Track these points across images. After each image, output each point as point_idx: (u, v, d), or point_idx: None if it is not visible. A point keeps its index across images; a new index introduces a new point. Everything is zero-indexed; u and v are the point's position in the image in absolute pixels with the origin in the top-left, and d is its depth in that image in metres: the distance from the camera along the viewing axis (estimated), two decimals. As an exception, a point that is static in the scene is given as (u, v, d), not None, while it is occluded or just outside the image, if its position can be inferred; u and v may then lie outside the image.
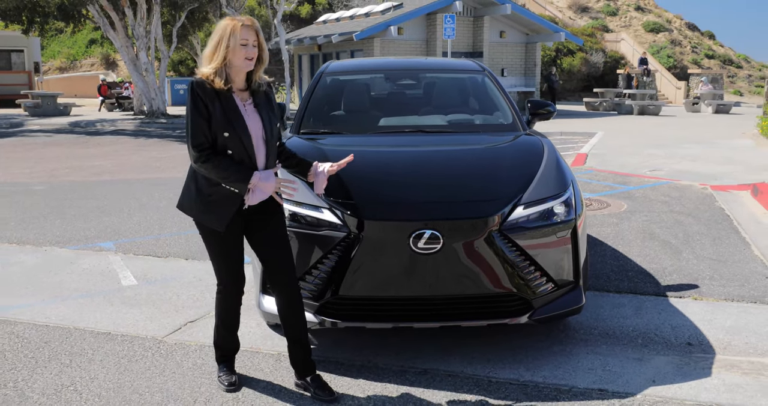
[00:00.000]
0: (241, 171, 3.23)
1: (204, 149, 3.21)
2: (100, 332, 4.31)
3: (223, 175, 3.22)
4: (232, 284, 3.47)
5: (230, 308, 3.54)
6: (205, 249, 3.50)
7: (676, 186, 9.45)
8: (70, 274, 5.62)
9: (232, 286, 3.48)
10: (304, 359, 3.49)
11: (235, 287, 3.49)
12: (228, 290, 3.48)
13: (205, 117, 3.21)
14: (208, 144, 3.22)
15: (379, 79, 5.69)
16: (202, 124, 3.21)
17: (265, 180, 3.27)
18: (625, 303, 4.76)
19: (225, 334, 3.59)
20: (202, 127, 3.21)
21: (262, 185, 3.26)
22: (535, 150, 4.32)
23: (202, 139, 3.21)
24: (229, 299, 3.51)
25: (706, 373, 3.68)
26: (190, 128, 3.23)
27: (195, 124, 3.21)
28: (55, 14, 23.22)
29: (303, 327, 3.48)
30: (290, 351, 3.51)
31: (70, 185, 10.14)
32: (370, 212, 3.58)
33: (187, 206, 3.41)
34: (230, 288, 3.48)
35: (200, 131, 3.21)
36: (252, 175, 3.24)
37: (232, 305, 3.54)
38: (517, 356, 3.87)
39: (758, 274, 5.42)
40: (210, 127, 3.22)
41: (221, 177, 3.23)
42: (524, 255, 3.65)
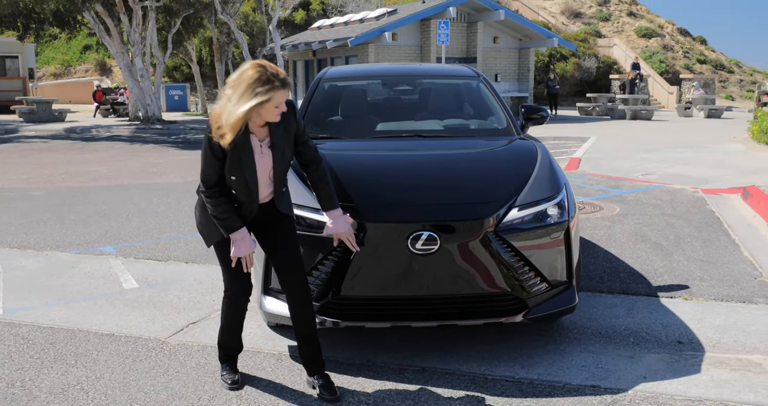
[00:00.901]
0: (231, 221, 3.34)
1: (211, 186, 3.32)
2: (104, 334, 4.40)
3: (216, 215, 3.35)
4: (238, 291, 3.57)
5: (236, 312, 3.63)
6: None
7: (668, 190, 9.59)
8: (72, 277, 5.70)
9: (239, 293, 3.58)
10: (313, 356, 3.58)
11: (242, 294, 3.59)
12: (234, 296, 3.58)
13: (219, 157, 3.27)
14: (215, 181, 3.32)
15: (376, 85, 5.81)
16: (213, 163, 3.29)
17: (244, 243, 3.37)
18: (617, 303, 4.88)
19: (229, 334, 3.69)
20: (213, 165, 3.29)
21: (239, 243, 3.37)
22: (528, 154, 4.44)
23: (212, 176, 3.31)
24: (235, 305, 3.61)
25: (695, 370, 3.79)
26: (202, 163, 3.32)
27: (207, 162, 3.29)
28: (50, 21, 23.31)
29: (312, 324, 3.57)
30: (300, 349, 3.60)
31: (67, 191, 10.21)
32: (369, 214, 3.69)
33: (196, 214, 3.56)
34: (237, 295, 3.58)
35: (211, 169, 3.30)
36: (237, 231, 3.35)
37: (238, 310, 3.63)
38: (513, 355, 3.97)
39: (747, 275, 5.55)
40: (222, 166, 3.30)
41: (214, 216, 3.36)
42: (519, 256, 3.76)
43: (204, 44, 35.38)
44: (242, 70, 3.16)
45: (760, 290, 5.16)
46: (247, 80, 3.11)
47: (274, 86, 3.12)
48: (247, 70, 3.13)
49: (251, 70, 3.13)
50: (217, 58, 29.87)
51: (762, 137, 14.99)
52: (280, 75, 3.16)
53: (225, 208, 3.33)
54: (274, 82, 3.12)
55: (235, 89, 3.12)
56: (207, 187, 3.33)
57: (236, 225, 3.36)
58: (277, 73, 3.15)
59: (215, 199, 3.32)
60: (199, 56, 35.10)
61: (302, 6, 41.47)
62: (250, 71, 3.12)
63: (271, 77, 3.12)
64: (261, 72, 3.12)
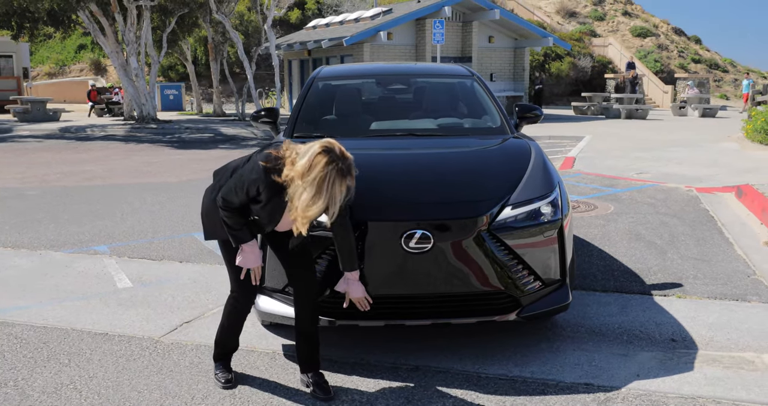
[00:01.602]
0: (243, 234, 3.33)
1: (230, 210, 3.29)
2: (98, 333, 4.39)
3: (229, 225, 3.32)
4: (243, 293, 3.57)
5: (239, 313, 3.62)
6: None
7: (662, 188, 9.61)
8: (66, 277, 5.69)
9: (245, 294, 3.58)
10: (310, 355, 3.58)
11: (248, 296, 3.60)
12: (239, 297, 3.58)
13: (252, 198, 3.25)
14: (236, 206, 3.28)
15: (371, 84, 5.81)
16: (243, 199, 3.25)
17: (252, 255, 3.36)
18: (611, 301, 4.89)
19: (228, 334, 3.67)
20: (242, 199, 3.25)
21: (247, 255, 3.36)
22: (522, 152, 4.44)
23: (235, 203, 3.27)
24: (239, 306, 3.60)
25: (688, 367, 3.80)
26: (231, 188, 3.25)
27: (238, 195, 3.23)
28: (44, 20, 23.21)
29: (315, 322, 3.58)
30: (298, 346, 3.60)
31: (62, 190, 10.19)
32: (363, 213, 3.68)
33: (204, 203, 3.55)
34: (241, 296, 3.58)
35: (237, 199, 3.25)
36: (248, 243, 3.34)
37: (241, 311, 3.62)
38: (506, 353, 3.98)
39: (740, 273, 5.56)
40: (249, 203, 3.27)
41: (226, 224, 3.33)
42: (512, 254, 3.77)
43: (199, 43, 35.32)
44: (312, 155, 3.05)
45: (753, 288, 5.17)
46: (321, 171, 3.02)
47: (345, 177, 3.07)
48: (318, 160, 3.04)
49: (321, 158, 3.03)
50: (212, 57, 29.83)
51: (756, 136, 15.05)
52: (348, 161, 3.10)
53: (238, 220, 3.32)
54: (346, 173, 3.07)
55: (309, 179, 3.03)
56: (225, 208, 3.30)
57: (247, 238, 3.36)
58: (346, 159, 3.09)
59: (230, 212, 3.31)
60: (194, 56, 35.04)
61: (298, 5, 41.45)
62: (322, 162, 3.03)
63: (344, 168, 3.06)
64: (333, 162, 3.03)
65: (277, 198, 3.21)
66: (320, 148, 3.08)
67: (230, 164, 3.53)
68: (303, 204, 3.06)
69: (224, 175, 3.46)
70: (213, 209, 3.41)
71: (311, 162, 3.05)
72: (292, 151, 3.17)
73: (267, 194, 3.22)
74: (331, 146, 3.10)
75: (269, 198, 3.23)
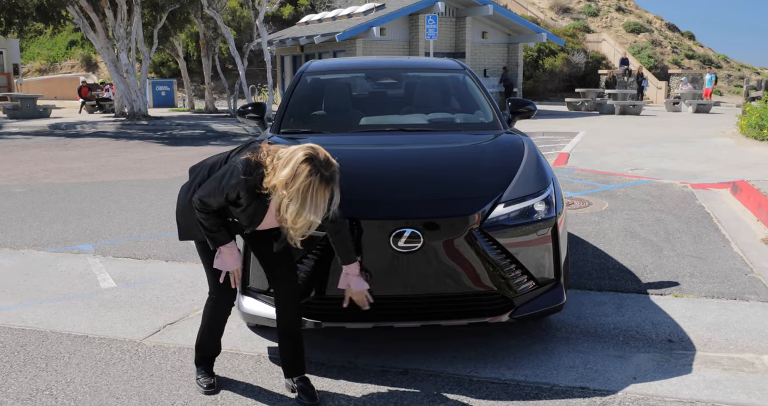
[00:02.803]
0: (221, 236, 3.20)
1: (207, 212, 3.16)
2: (77, 336, 4.25)
3: (206, 226, 3.19)
4: (222, 294, 3.44)
5: (218, 314, 3.50)
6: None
7: (657, 185, 9.51)
8: (48, 277, 5.54)
9: (223, 295, 3.45)
10: (294, 358, 3.45)
11: (226, 297, 3.47)
12: (218, 298, 3.45)
13: (231, 201, 3.12)
14: (213, 209, 3.15)
15: (360, 79, 5.66)
16: (221, 202, 3.12)
17: (230, 258, 3.24)
18: (606, 301, 4.77)
19: (209, 337, 3.55)
20: (221, 203, 3.12)
21: (225, 257, 3.24)
22: (515, 148, 4.32)
23: (213, 205, 3.14)
24: (218, 308, 3.48)
25: (686, 369, 3.68)
26: (210, 192, 3.11)
27: (216, 198, 3.10)
28: (34, 15, 22.99)
29: (298, 323, 3.45)
30: (281, 349, 3.48)
31: (49, 188, 10.02)
32: (350, 211, 3.54)
33: (179, 203, 3.42)
34: (220, 298, 3.46)
35: (216, 203, 3.12)
36: (226, 245, 3.21)
37: (220, 314, 3.50)
38: (498, 355, 3.85)
39: (738, 271, 5.46)
40: (227, 206, 3.15)
41: (203, 226, 3.20)
42: (505, 253, 3.64)
43: (191, 39, 35.10)
44: (295, 164, 2.92)
45: (751, 287, 5.07)
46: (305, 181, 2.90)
47: (329, 185, 2.96)
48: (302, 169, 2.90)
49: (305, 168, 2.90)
50: (203, 53, 29.61)
51: (750, 132, 14.97)
52: (332, 168, 2.97)
53: (216, 221, 3.19)
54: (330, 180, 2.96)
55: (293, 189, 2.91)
56: (202, 210, 3.15)
57: (225, 239, 3.22)
58: (330, 165, 2.96)
59: (207, 214, 3.17)
60: (186, 52, 34.80)
61: (290, 1, 41.23)
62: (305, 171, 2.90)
63: (328, 176, 2.94)
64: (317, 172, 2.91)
65: (258, 202, 3.09)
66: (304, 156, 2.93)
67: (207, 161, 3.40)
68: (291, 216, 2.94)
69: (200, 173, 3.32)
70: (189, 208, 3.27)
71: (294, 171, 2.91)
72: (273, 157, 3.03)
73: (247, 199, 3.09)
74: (314, 153, 2.96)
75: (250, 202, 3.10)
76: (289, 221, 2.96)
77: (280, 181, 2.94)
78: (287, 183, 2.91)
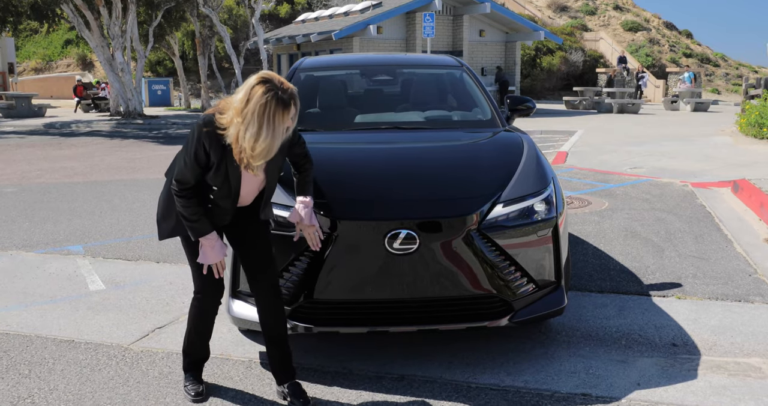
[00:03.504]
0: (201, 225, 3.08)
1: (185, 189, 3.04)
2: (63, 340, 4.12)
3: (185, 216, 3.07)
4: (208, 292, 3.30)
5: (205, 315, 3.37)
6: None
7: (656, 183, 9.39)
8: (36, 279, 5.41)
9: (209, 294, 3.31)
10: (283, 363, 3.33)
11: (212, 296, 3.32)
12: (204, 297, 3.32)
13: (203, 165, 3.00)
14: (191, 184, 3.04)
15: (355, 76, 5.53)
16: (195, 170, 3.00)
17: (213, 250, 3.11)
18: (607, 303, 4.65)
19: (196, 341, 3.42)
20: (194, 170, 3.01)
21: (207, 250, 3.12)
22: (514, 146, 4.19)
23: (189, 179, 3.02)
24: (204, 307, 3.34)
25: (691, 375, 3.56)
26: (181, 164, 3.02)
27: (188, 167, 3.00)
28: (28, 14, 22.83)
29: (283, 327, 3.32)
30: (269, 355, 3.35)
31: (41, 187, 9.88)
32: (344, 212, 3.43)
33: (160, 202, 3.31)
34: (207, 296, 3.31)
35: (191, 174, 3.01)
36: (206, 236, 3.09)
37: (207, 313, 3.37)
38: (498, 360, 3.73)
39: (741, 272, 5.34)
40: (203, 173, 3.03)
41: (182, 216, 3.08)
42: (504, 255, 3.51)
43: (187, 38, 34.92)
44: (249, 88, 2.83)
45: (756, 288, 4.95)
46: (259, 101, 2.79)
47: (287, 107, 2.84)
48: (255, 91, 2.81)
49: (258, 89, 2.81)
50: (199, 52, 29.45)
51: (750, 130, 14.87)
52: (288, 90, 2.86)
53: (196, 209, 3.06)
54: (289, 102, 2.84)
55: (247, 112, 2.80)
56: (181, 188, 3.04)
57: (206, 229, 3.09)
58: (286, 89, 2.86)
59: (187, 200, 3.05)
60: (182, 50, 34.65)
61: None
62: (258, 92, 2.80)
63: (284, 97, 2.82)
64: (272, 92, 2.80)
65: (229, 158, 2.96)
66: (256, 79, 2.86)
67: (176, 159, 3.28)
68: (249, 142, 2.82)
69: (172, 168, 3.21)
70: (169, 204, 3.17)
71: (248, 95, 2.82)
72: (229, 98, 2.96)
73: (216, 153, 2.96)
74: (268, 76, 2.87)
75: (220, 158, 2.97)
76: (247, 147, 2.84)
77: (235, 109, 2.84)
78: (242, 109, 2.81)
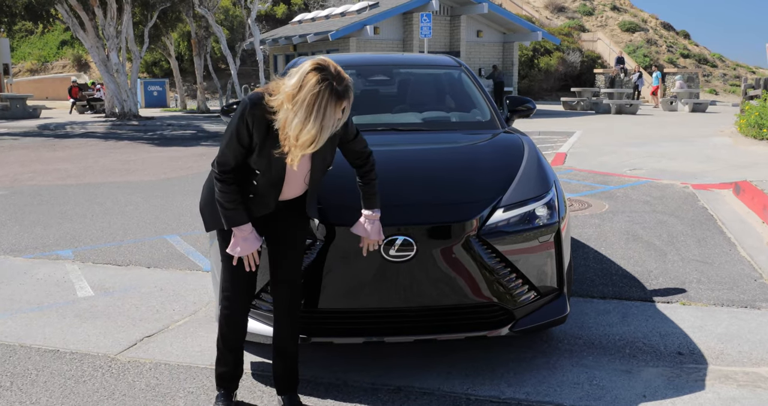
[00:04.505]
0: (237, 214, 2.91)
1: (226, 172, 2.89)
2: (48, 350, 3.97)
3: (222, 202, 2.91)
4: (238, 291, 3.07)
5: (233, 321, 3.11)
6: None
7: (657, 185, 9.27)
8: (23, 285, 5.26)
9: (238, 293, 3.07)
10: (289, 373, 3.19)
11: (242, 296, 3.08)
12: (233, 295, 3.07)
13: (246, 146, 2.85)
14: (232, 167, 2.88)
15: (352, 76, 5.37)
16: (236, 150, 2.85)
17: (246, 242, 2.94)
18: (610, 309, 4.52)
19: (225, 354, 3.16)
20: (236, 152, 2.86)
21: (238, 241, 2.95)
22: (514, 149, 4.06)
23: (230, 162, 2.88)
24: (233, 309, 3.09)
25: (699, 386, 3.43)
26: (223, 146, 2.88)
27: (230, 146, 2.85)
28: (22, 14, 22.67)
29: (296, 339, 3.19)
30: (275, 364, 3.21)
31: (33, 190, 9.73)
32: (338, 217, 3.29)
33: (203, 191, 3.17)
34: (236, 294, 3.07)
35: (231, 155, 2.86)
36: (240, 227, 2.92)
37: (236, 318, 3.11)
38: (498, 371, 3.59)
39: (746, 276, 5.21)
40: (246, 155, 2.88)
41: (219, 202, 2.92)
42: (504, 262, 3.38)
43: (183, 39, 34.77)
44: (302, 74, 2.66)
45: (762, 294, 4.82)
46: (312, 90, 2.63)
47: (341, 99, 2.69)
48: (308, 78, 2.65)
49: (312, 77, 2.65)
50: (195, 52, 29.30)
51: (749, 131, 14.76)
52: (345, 81, 2.70)
53: (234, 197, 2.90)
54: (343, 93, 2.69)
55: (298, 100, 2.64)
56: (221, 171, 2.88)
57: (241, 219, 2.92)
58: (342, 79, 2.70)
59: (226, 184, 2.88)
60: (178, 51, 34.50)
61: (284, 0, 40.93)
62: (312, 80, 2.64)
63: (339, 89, 2.67)
64: (325, 81, 2.64)
65: (272, 138, 2.80)
66: (311, 65, 2.68)
67: None
68: (295, 130, 2.66)
69: None
70: (210, 197, 3.02)
71: (301, 81, 2.65)
72: (279, 81, 2.79)
73: (259, 134, 2.80)
74: (324, 64, 2.70)
75: (263, 139, 2.81)
76: (292, 135, 2.68)
77: (286, 94, 2.67)
78: (293, 94, 2.65)
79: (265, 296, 3.36)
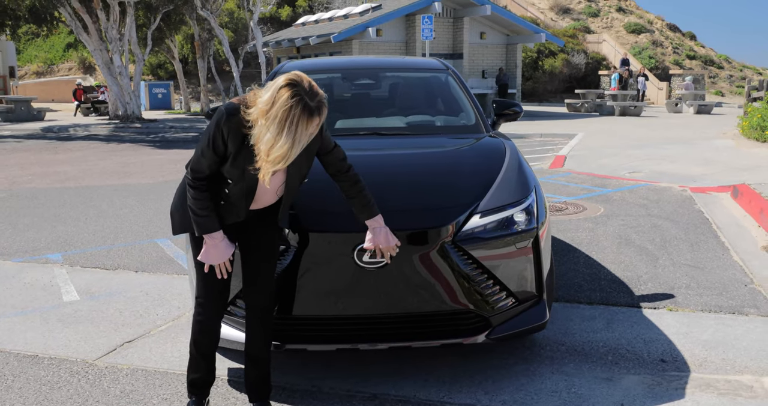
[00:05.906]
0: (208, 221, 2.89)
1: (199, 179, 2.87)
2: (26, 355, 3.96)
3: (194, 209, 2.89)
4: (210, 296, 3.04)
5: (206, 327, 3.08)
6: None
7: (655, 188, 9.20)
8: (9, 289, 5.26)
9: (211, 298, 3.04)
10: (261, 381, 3.16)
11: (215, 300, 3.06)
12: (206, 301, 3.05)
13: (220, 154, 2.83)
14: (205, 175, 2.87)
15: (336, 80, 5.36)
16: (211, 158, 2.83)
17: (216, 249, 2.92)
18: (596, 315, 4.47)
19: (197, 359, 3.13)
20: (210, 161, 2.84)
21: (209, 249, 2.93)
22: (496, 153, 4.02)
23: (203, 168, 2.86)
24: (205, 315, 3.06)
25: (679, 394, 3.38)
26: (198, 153, 2.86)
27: (204, 154, 2.83)
28: (26, 17, 22.75)
29: (268, 346, 3.16)
30: (247, 372, 3.19)
31: (30, 192, 9.75)
32: (310, 223, 3.26)
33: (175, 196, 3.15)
34: (208, 300, 3.04)
35: (205, 163, 2.85)
36: (212, 233, 2.90)
37: (208, 324, 3.08)
38: (476, 378, 3.55)
39: (737, 282, 5.15)
40: (220, 164, 2.86)
41: (191, 209, 2.90)
42: (481, 268, 3.34)
43: (187, 41, 34.86)
44: (275, 89, 2.63)
45: (751, 299, 4.76)
46: (283, 106, 2.61)
47: (313, 116, 2.66)
48: (281, 94, 2.62)
49: (284, 92, 2.62)
50: (199, 55, 29.36)
51: (752, 133, 14.66)
52: (317, 97, 2.68)
53: (206, 204, 2.88)
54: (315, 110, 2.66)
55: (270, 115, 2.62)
56: (194, 178, 2.87)
57: (212, 227, 2.90)
58: (315, 95, 2.67)
59: (199, 191, 2.87)
60: (181, 54, 34.58)
61: (288, 2, 41.00)
62: (284, 95, 2.61)
63: (312, 105, 2.64)
64: (298, 97, 2.62)
65: (247, 150, 2.77)
66: (284, 81, 2.64)
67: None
68: (266, 146, 2.63)
69: None
70: (182, 201, 3.01)
71: (273, 97, 2.62)
72: (257, 92, 2.76)
73: (234, 144, 2.78)
74: (297, 79, 2.66)
75: (237, 150, 2.79)
76: (263, 150, 2.66)
77: (260, 110, 2.65)
78: (266, 111, 2.63)
79: (239, 302, 3.34)
